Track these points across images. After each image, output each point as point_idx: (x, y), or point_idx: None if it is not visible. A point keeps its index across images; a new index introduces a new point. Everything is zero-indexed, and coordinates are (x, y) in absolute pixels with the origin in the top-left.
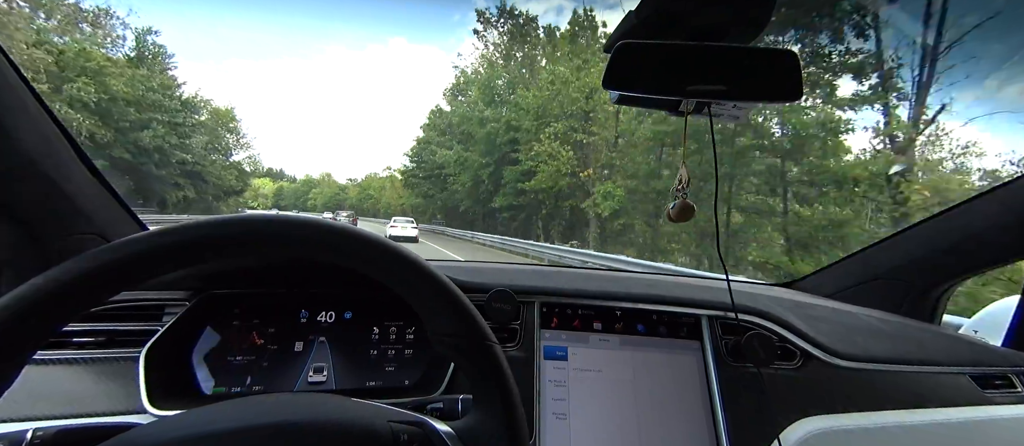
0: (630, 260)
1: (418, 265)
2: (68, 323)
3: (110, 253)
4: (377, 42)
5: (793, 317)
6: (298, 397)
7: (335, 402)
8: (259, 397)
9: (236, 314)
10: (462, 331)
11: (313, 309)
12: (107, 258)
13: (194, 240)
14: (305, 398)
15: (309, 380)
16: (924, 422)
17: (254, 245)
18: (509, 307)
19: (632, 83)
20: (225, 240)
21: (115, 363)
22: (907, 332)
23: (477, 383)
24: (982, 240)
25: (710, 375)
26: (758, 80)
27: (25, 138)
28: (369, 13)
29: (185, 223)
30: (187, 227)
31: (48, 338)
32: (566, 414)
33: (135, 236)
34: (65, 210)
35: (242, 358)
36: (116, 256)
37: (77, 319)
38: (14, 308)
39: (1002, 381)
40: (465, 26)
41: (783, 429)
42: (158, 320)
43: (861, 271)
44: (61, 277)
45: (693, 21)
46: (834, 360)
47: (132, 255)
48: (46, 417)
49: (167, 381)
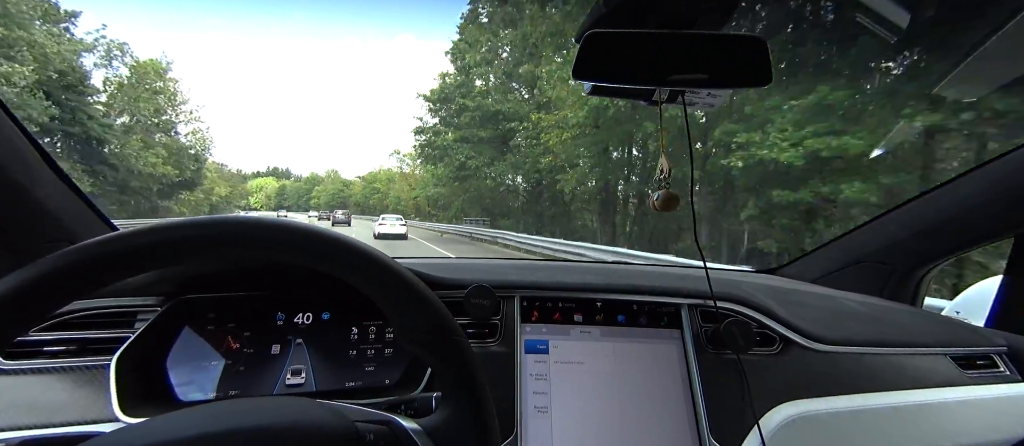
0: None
1: (379, 261)
2: (26, 332)
3: (53, 262)
4: (384, 39)
5: (772, 303)
6: (264, 400)
7: (300, 404)
8: (224, 402)
9: (211, 318)
10: (427, 326)
11: (290, 311)
12: (50, 266)
13: (144, 245)
14: (271, 401)
15: (287, 383)
16: (905, 403)
17: (205, 249)
18: (488, 302)
19: (603, 73)
20: (178, 244)
21: (86, 371)
22: (888, 315)
23: (445, 378)
24: (962, 221)
25: (690, 363)
26: (729, 67)
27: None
28: (376, 12)
29: (143, 227)
30: (149, 231)
31: (6, 345)
32: (548, 408)
33: (80, 245)
34: (34, 216)
35: (217, 363)
36: (58, 264)
37: (43, 326)
38: None
39: (984, 361)
40: (472, 22)
41: (763, 414)
42: (130, 326)
43: (843, 255)
44: (15, 281)
45: (662, 9)
46: (813, 344)
47: (75, 263)
48: (15, 428)
49: (141, 388)
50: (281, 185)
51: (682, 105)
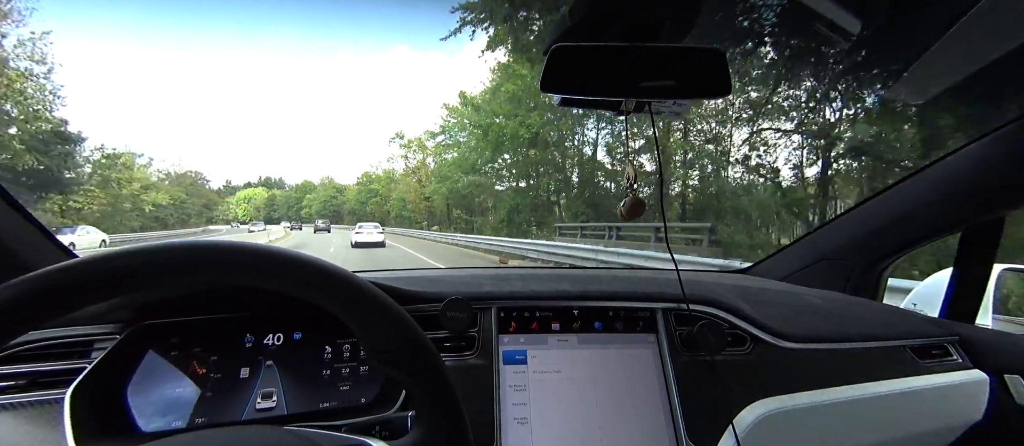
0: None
1: (342, 276)
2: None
3: (17, 287)
4: (380, 51)
5: (742, 303)
6: (230, 431)
7: (265, 434)
8: (188, 434)
9: (174, 344)
10: (395, 343)
11: (259, 332)
12: (11, 293)
13: (110, 270)
14: (239, 432)
15: (257, 407)
16: (868, 395)
17: (161, 277)
18: (465, 315)
19: (569, 85)
20: (129, 273)
21: (38, 407)
22: (850, 310)
23: (417, 396)
24: (914, 219)
25: (666, 367)
26: (691, 78)
27: None
28: (372, 24)
29: (102, 253)
30: (100, 258)
31: None
32: (528, 418)
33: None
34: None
35: (182, 390)
36: (10, 294)
37: None
38: None
39: (938, 350)
40: (466, 31)
41: (737, 414)
42: (86, 357)
43: (809, 253)
44: None
45: (625, 22)
46: (781, 343)
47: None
48: None
49: (99, 422)
50: (271, 195)
51: (649, 114)
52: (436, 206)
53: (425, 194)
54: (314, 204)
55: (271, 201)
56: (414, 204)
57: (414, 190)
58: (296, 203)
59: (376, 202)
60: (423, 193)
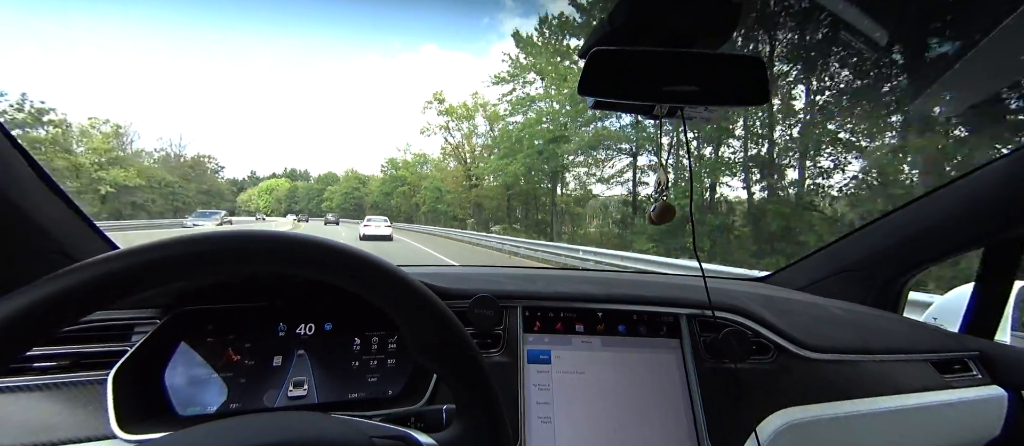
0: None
1: (393, 273)
2: (25, 352)
3: (64, 279)
4: (409, 51)
5: (767, 312)
6: (277, 416)
7: (314, 419)
8: (236, 419)
9: (210, 330)
10: (442, 341)
11: (292, 322)
12: (61, 285)
13: (162, 260)
14: (284, 417)
15: (289, 395)
16: (890, 408)
17: (221, 263)
18: (491, 313)
19: (606, 89)
20: (191, 259)
21: (82, 387)
22: (872, 322)
23: (459, 393)
24: (937, 233)
25: (689, 372)
26: (727, 85)
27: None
28: (402, 23)
29: (152, 243)
30: (156, 246)
31: (5, 366)
32: (551, 417)
33: (93, 260)
34: (25, 230)
35: (218, 376)
36: (72, 282)
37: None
38: None
39: (959, 366)
40: (494, 29)
41: (760, 422)
42: (127, 340)
43: (830, 264)
44: (16, 304)
45: (664, 28)
46: (805, 353)
47: (91, 279)
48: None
49: (138, 404)
50: (293, 187)
51: (681, 119)
52: (490, 195)
53: (474, 176)
54: (335, 196)
55: (292, 193)
56: (455, 193)
57: (455, 176)
58: (317, 195)
59: (403, 193)
60: (469, 176)
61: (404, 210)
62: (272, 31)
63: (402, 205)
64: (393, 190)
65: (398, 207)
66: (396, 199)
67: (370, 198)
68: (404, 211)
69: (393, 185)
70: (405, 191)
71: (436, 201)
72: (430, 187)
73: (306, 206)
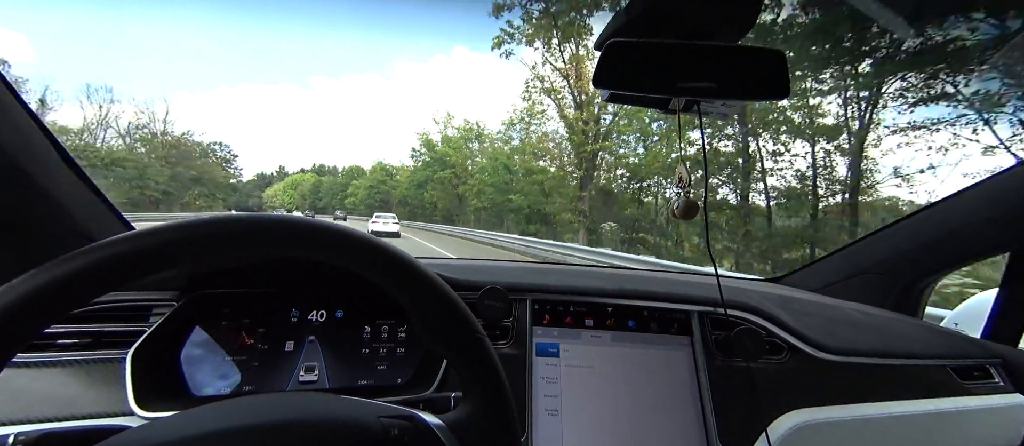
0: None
1: (405, 261)
2: (47, 326)
3: (87, 256)
4: (441, 53)
5: (781, 312)
6: (288, 396)
7: (325, 399)
8: (249, 397)
9: (225, 314)
10: (450, 325)
11: (304, 308)
12: (84, 261)
13: (178, 241)
14: (295, 397)
15: (300, 379)
16: (907, 413)
17: (236, 246)
18: (501, 304)
19: (622, 81)
20: (210, 241)
21: (101, 365)
22: (891, 325)
23: (466, 376)
24: (964, 235)
25: (700, 370)
26: (746, 78)
27: (3, 137)
28: (432, 27)
29: (169, 224)
30: (171, 227)
31: (27, 341)
32: (558, 410)
33: (116, 237)
34: (49, 211)
35: (231, 358)
36: (94, 258)
37: (60, 321)
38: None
39: (980, 372)
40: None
41: (771, 422)
42: (145, 321)
43: (847, 266)
44: (38, 279)
45: (682, 20)
46: (820, 354)
47: (112, 257)
48: (30, 420)
49: (155, 383)
50: (317, 181)
51: (698, 114)
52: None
53: (590, 156)
54: (360, 191)
55: (317, 188)
56: (539, 177)
57: (556, 153)
58: (341, 190)
59: (441, 181)
60: (583, 157)
61: (443, 206)
62: (304, 32)
63: (440, 198)
64: (428, 179)
65: (433, 202)
66: (432, 191)
67: (398, 192)
68: (443, 208)
69: (427, 173)
70: (446, 178)
71: (501, 190)
72: (495, 168)
73: (329, 202)
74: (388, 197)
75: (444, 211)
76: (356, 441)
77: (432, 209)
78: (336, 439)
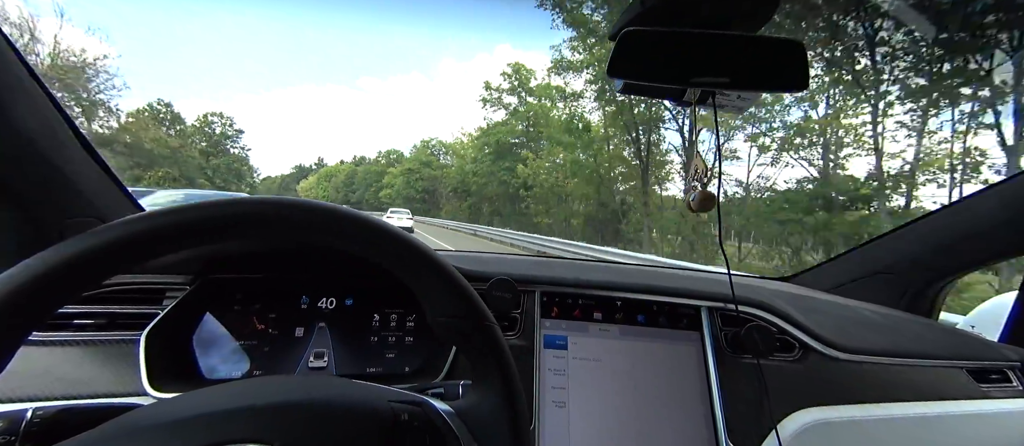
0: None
1: (418, 248)
2: (62, 306)
3: (103, 235)
4: (484, 51)
5: (793, 310)
6: (299, 378)
7: (336, 382)
8: (260, 378)
9: (237, 299)
10: (461, 312)
11: (314, 295)
12: (98, 241)
13: (191, 222)
14: (306, 379)
15: (309, 365)
16: (921, 415)
17: (249, 228)
18: (510, 295)
19: (637, 71)
20: (221, 223)
21: (116, 346)
22: (905, 326)
23: (476, 363)
24: (979, 238)
25: (709, 366)
26: (764, 70)
27: (23, 118)
28: (476, 26)
29: (183, 205)
30: (185, 209)
31: (43, 321)
32: (565, 402)
33: (132, 217)
34: (64, 192)
35: (242, 343)
36: (109, 238)
37: (76, 301)
38: (7, 289)
39: (998, 376)
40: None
41: (781, 420)
42: (158, 304)
43: (860, 267)
44: (53, 259)
45: (698, 9)
46: (833, 352)
47: (127, 236)
48: (46, 398)
49: (168, 364)
50: (352, 171)
51: (713, 106)
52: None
53: None
54: (397, 181)
55: (351, 178)
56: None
57: None
58: (376, 180)
59: (515, 164)
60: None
61: (547, 204)
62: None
63: (511, 184)
64: (498, 163)
65: (501, 193)
66: (497, 185)
67: (448, 181)
68: (518, 200)
69: (496, 153)
70: (525, 160)
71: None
72: (546, 182)
73: (363, 196)
74: (435, 187)
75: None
76: (366, 423)
77: (500, 201)
78: (346, 421)
